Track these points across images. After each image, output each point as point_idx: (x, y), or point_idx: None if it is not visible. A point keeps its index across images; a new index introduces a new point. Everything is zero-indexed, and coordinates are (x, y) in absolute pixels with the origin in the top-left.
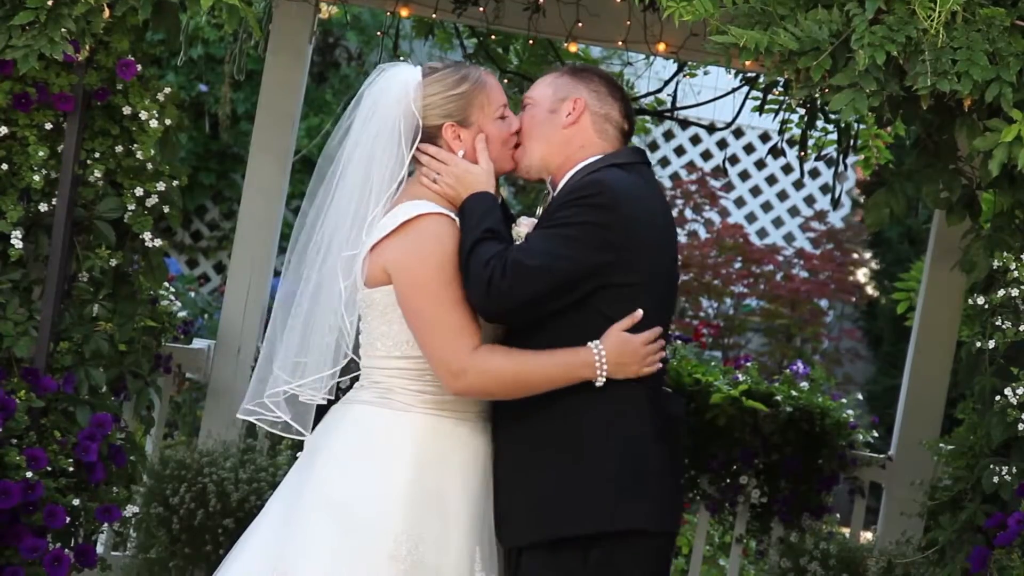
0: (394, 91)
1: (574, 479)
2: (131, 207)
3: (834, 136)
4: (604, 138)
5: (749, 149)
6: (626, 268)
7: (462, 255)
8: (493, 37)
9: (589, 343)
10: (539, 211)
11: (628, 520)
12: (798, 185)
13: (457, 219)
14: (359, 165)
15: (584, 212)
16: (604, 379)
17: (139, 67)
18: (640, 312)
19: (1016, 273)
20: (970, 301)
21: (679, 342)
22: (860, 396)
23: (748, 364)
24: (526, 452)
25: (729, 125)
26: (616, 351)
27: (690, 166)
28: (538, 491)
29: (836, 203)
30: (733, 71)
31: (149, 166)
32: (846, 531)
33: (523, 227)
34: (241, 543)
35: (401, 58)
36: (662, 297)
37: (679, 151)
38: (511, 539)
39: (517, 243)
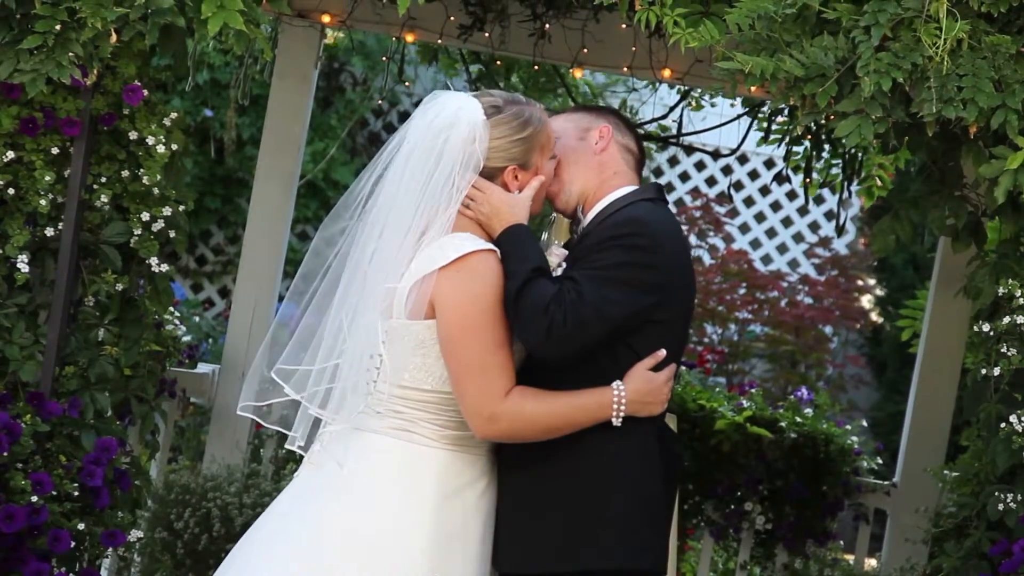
0: (462, 131)
1: (583, 515)
2: (137, 232)
3: (839, 164)
4: (628, 166)
5: (754, 175)
6: (665, 306)
7: (509, 294)
8: (498, 63)
9: (612, 384)
10: (544, 236)
11: (631, 559)
12: (803, 211)
13: (498, 252)
14: (409, 198)
15: (629, 253)
16: (621, 420)
17: (145, 92)
18: (663, 352)
19: (1021, 300)
20: (975, 328)
21: (684, 368)
22: (864, 422)
23: (752, 390)
24: (535, 484)
25: (734, 151)
26: (641, 390)
27: (695, 192)
28: (545, 525)
29: (841, 230)
30: (738, 99)
31: (155, 191)
32: (850, 558)
33: (554, 257)
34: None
35: (407, 83)
36: (685, 333)
37: (684, 177)
38: (514, 567)
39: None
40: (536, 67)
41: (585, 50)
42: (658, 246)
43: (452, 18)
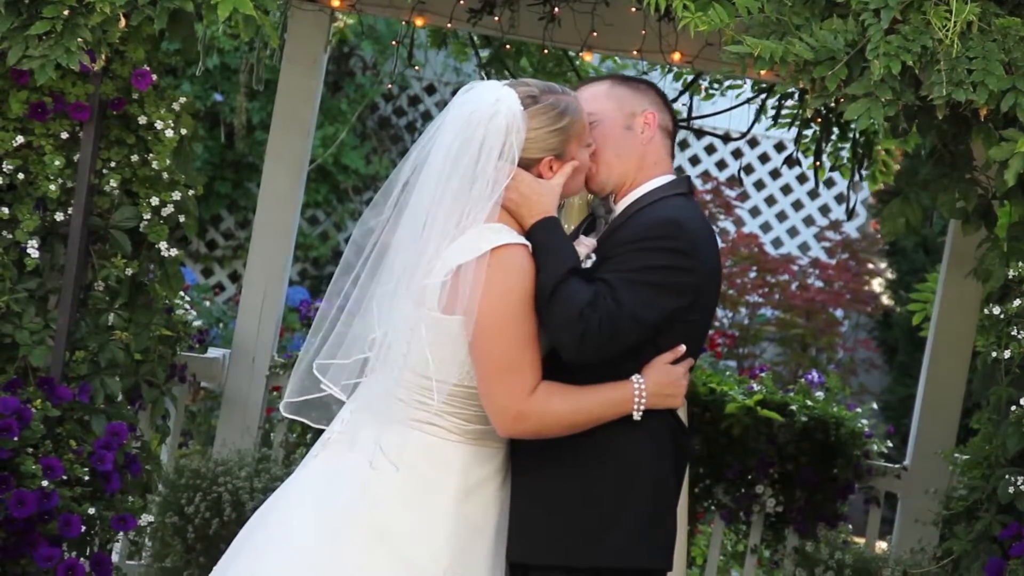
0: (500, 122)
1: (600, 512)
2: (147, 216)
3: (848, 146)
4: (667, 152)
5: (764, 159)
6: (697, 308)
7: (543, 293)
8: (508, 47)
9: (632, 377)
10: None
11: (644, 558)
12: (813, 195)
13: (529, 246)
14: (447, 189)
15: (664, 256)
16: (641, 414)
17: (154, 77)
18: (683, 347)
19: None
20: (986, 311)
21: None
22: (875, 406)
23: (763, 374)
24: (552, 479)
25: (744, 135)
26: (661, 383)
27: (705, 176)
28: (561, 519)
29: (851, 213)
30: (748, 83)
31: (165, 175)
32: (861, 541)
33: (583, 247)
34: (266, 540)
35: (416, 67)
36: (707, 329)
37: (694, 161)
38: (525, 557)
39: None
40: (545, 51)
41: (595, 34)
42: (694, 249)
43: (462, 2)
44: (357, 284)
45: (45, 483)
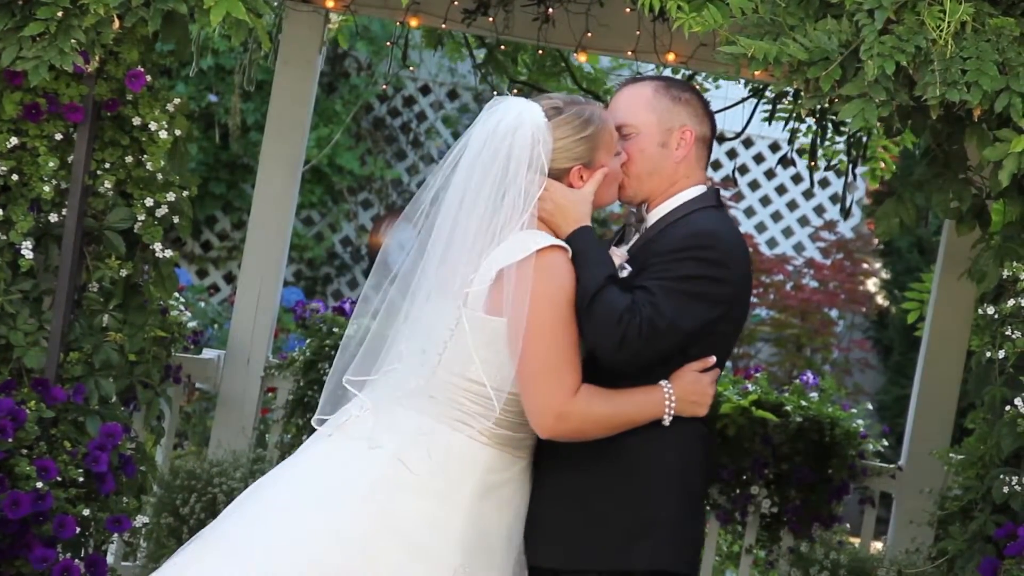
0: (525, 134)
1: (636, 515)
2: (141, 217)
3: (843, 145)
4: (701, 164)
5: (759, 159)
6: (730, 319)
7: (583, 300)
8: (503, 47)
9: (660, 383)
10: None
11: (677, 561)
12: (808, 195)
13: (569, 250)
14: (478, 204)
15: (702, 267)
16: (670, 419)
17: (149, 78)
18: (713, 358)
19: None
20: (980, 311)
21: None
22: (870, 406)
23: (758, 374)
24: (589, 485)
25: (739, 135)
26: (689, 390)
27: None
28: (598, 523)
29: (846, 213)
30: (742, 82)
31: (159, 176)
32: (856, 541)
33: (616, 258)
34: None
35: (411, 68)
36: (735, 339)
37: None
38: (559, 562)
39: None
40: (541, 52)
41: (589, 34)
42: (729, 259)
43: (456, 3)
44: (386, 300)
45: (40, 484)
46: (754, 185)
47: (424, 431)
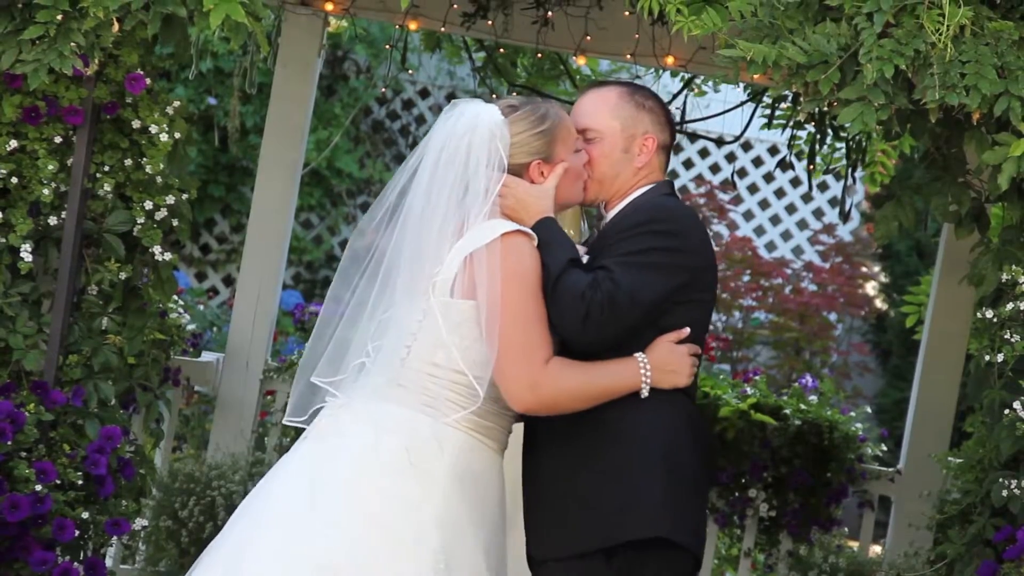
0: (482, 131)
1: (621, 489)
2: (140, 220)
3: (843, 149)
4: (662, 169)
5: (758, 162)
6: (699, 286)
7: (547, 284)
8: (501, 51)
9: (635, 354)
10: None
11: (673, 530)
12: (807, 198)
13: (534, 236)
14: (440, 202)
15: (656, 239)
16: (648, 390)
17: (148, 81)
18: (688, 329)
19: None
20: (979, 314)
21: None
22: (869, 409)
23: (757, 377)
24: (571, 468)
25: (738, 138)
26: (663, 360)
27: (698, 179)
28: (586, 505)
29: (845, 216)
30: (741, 85)
31: (158, 179)
32: (855, 544)
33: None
34: (243, 548)
35: (410, 71)
36: (708, 315)
37: (687, 164)
38: (561, 551)
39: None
40: (540, 55)
41: (588, 37)
42: (682, 230)
43: (455, 6)
44: (355, 295)
45: (39, 487)
46: (753, 188)
47: (395, 419)
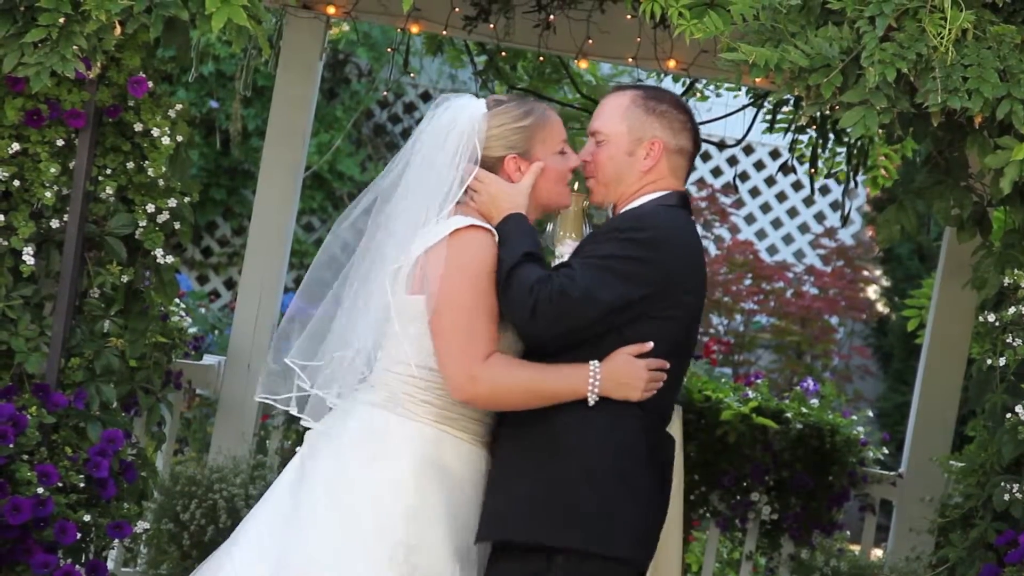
0: (462, 123)
1: (552, 489)
2: (142, 223)
3: (844, 153)
4: (674, 174)
5: (759, 166)
6: (670, 302)
7: (500, 276)
8: (503, 54)
9: (590, 362)
10: (549, 227)
11: (602, 545)
12: (808, 202)
13: (496, 234)
14: (418, 190)
15: (627, 247)
16: (595, 398)
17: (150, 84)
18: (651, 344)
19: None
20: (981, 318)
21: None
22: (871, 413)
23: (758, 381)
24: (515, 458)
25: (739, 142)
26: (617, 371)
27: (700, 183)
28: (516, 495)
29: (846, 220)
30: (743, 89)
31: (160, 182)
32: (856, 548)
33: (566, 248)
34: (237, 536)
35: (412, 74)
36: (687, 336)
37: None
38: (486, 535)
39: (556, 263)
40: (541, 58)
41: (590, 41)
42: (658, 242)
43: (457, 9)
44: (331, 288)
45: (40, 490)
46: (754, 192)
47: (358, 417)
